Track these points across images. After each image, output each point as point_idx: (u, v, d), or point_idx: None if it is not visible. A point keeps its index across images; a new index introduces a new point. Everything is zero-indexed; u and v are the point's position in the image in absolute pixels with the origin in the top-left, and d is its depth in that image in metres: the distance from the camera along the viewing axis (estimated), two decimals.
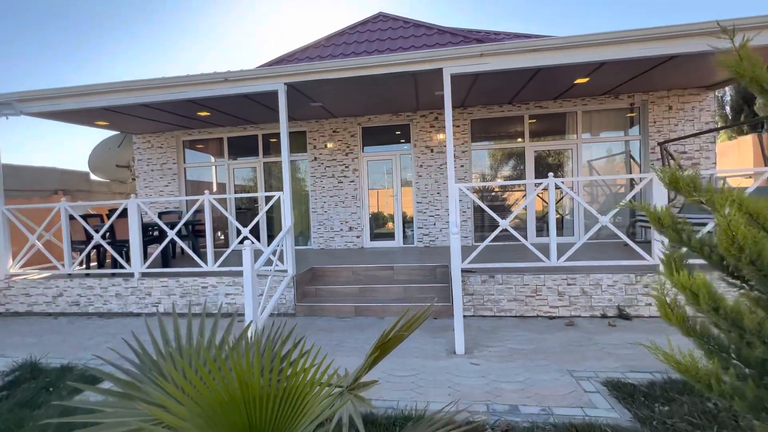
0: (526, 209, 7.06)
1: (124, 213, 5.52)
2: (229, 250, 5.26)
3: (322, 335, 4.20)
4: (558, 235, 6.91)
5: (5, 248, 5.95)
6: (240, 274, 5.07)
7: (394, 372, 3.28)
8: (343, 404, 1.43)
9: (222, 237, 8.57)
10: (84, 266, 5.96)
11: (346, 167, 7.64)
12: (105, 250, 5.87)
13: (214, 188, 8.57)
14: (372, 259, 5.97)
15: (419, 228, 7.38)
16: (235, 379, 1.24)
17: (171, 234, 5.44)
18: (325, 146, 7.68)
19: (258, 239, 7.93)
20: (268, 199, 7.45)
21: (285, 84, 4.96)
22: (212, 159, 8.61)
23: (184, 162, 8.54)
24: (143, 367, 1.62)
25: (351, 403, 1.47)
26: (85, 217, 6.07)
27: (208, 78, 5.04)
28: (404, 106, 6.95)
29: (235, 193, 8.36)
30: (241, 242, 7.24)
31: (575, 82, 5.83)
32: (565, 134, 7.10)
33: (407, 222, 7.55)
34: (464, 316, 4.56)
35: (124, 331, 4.69)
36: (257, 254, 5.90)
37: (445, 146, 7.35)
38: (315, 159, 7.72)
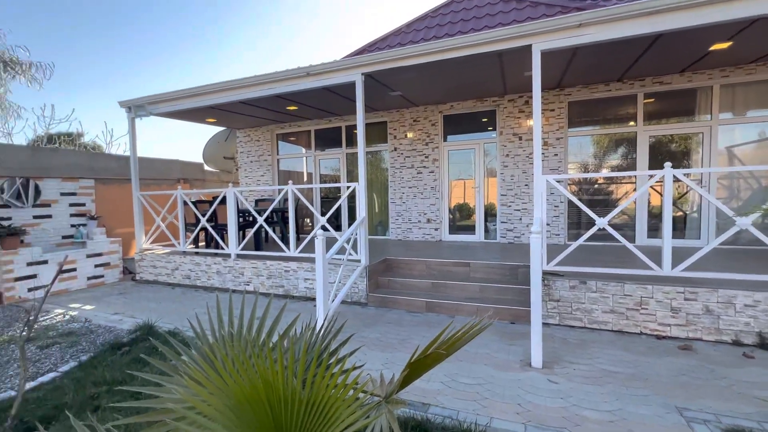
0: (635, 204, 5.96)
1: (224, 200, 6.09)
2: (308, 238, 5.47)
3: (389, 328, 4.12)
4: (678, 237, 5.69)
5: (140, 227, 7.07)
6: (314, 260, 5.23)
7: (457, 378, 3.03)
8: (377, 417, 1.27)
9: (309, 224, 9.05)
10: (194, 245, 6.78)
11: (426, 157, 7.39)
12: (211, 233, 6.59)
13: (304, 178, 9.06)
14: (448, 254, 5.69)
15: (503, 222, 6.82)
16: (259, 378, 1.16)
17: (260, 220, 5.85)
18: (405, 136, 7.51)
19: (340, 228, 8.17)
20: (347, 189, 7.58)
21: (362, 74, 4.90)
22: (302, 150, 9.10)
23: (278, 153, 9.16)
24: (200, 347, 1.66)
25: (386, 416, 1.30)
26: (196, 203, 6.89)
27: (292, 73, 5.23)
28: (490, 90, 6.39)
29: (321, 182, 8.72)
30: (319, 230, 7.51)
31: (711, 48, 4.66)
32: (694, 115, 5.76)
33: (490, 215, 7.04)
34: (546, 324, 4.04)
35: (222, 304, 5.18)
36: (334, 243, 6.05)
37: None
38: (395, 149, 7.62)
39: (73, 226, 7.22)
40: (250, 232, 6.04)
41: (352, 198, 8.12)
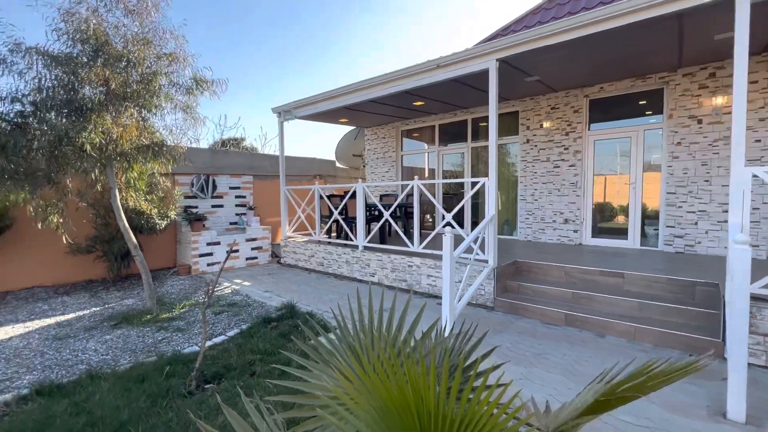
0: None
1: (353, 195, 6.47)
2: (432, 234, 5.40)
3: (521, 339, 3.74)
4: None
5: (285, 217, 8.07)
6: (441, 258, 5.14)
7: (617, 414, 2.51)
8: None
9: (430, 220, 9.03)
10: (327, 236, 7.41)
11: (565, 149, 6.55)
12: (342, 225, 7.11)
13: (426, 174, 9.07)
14: (593, 260, 4.94)
15: (669, 227, 5.59)
16: (409, 386, 1.07)
17: (386, 215, 6.01)
18: (540, 126, 6.79)
19: (462, 225, 7.93)
20: (473, 185, 7.29)
21: (497, 60, 4.55)
22: (425, 146, 9.11)
23: (401, 150, 9.35)
24: (343, 337, 1.69)
25: None
26: (329, 196, 7.51)
27: (422, 67, 5.19)
28: (656, 64, 5.26)
29: (444, 178, 8.59)
30: (445, 226, 7.39)
31: None
32: None
33: (648, 217, 5.85)
34: (751, 365, 3.10)
35: (350, 292, 5.54)
36: (458, 241, 5.85)
37: (724, 113, 5.20)
38: (527, 141, 6.97)
39: (237, 214, 8.68)
40: (376, 226, 6.29)
41: (475, 195, 7.78)
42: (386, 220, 6.20)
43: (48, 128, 3.92)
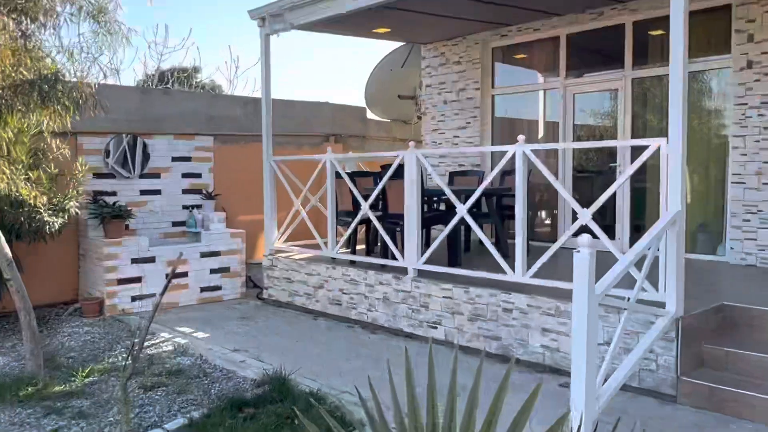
0: None
1: (399, 172, 6.44)
2: (553, 249, 5.27)
3: None
4: None
5: (271, 213, 8.24)
6: (568, 295, 4.98)
7: None
8: None
9: (547, 220, 8.84)
10: (349, 249, 7.45)
11: None
12: (376, 229, 7.10)
13: (540, 131, 8.90)
14: None
15: None
16: None
17: (461, 210, 5.94)
18: None
19: (611, 232, 7.70)
20: (634, 153, 7.02)
21: None
22: (539, 78, 8.92)
23: (492, 86, 9.25)
24: None
25: None
26: (354, 175, 7.54)
27: None
28: None
29: (577, 139, 8.37)
30: (577, 234, 7.20)
31: None
32: None
33: None
34: None
35: (392, 356, 5.50)
36: (604, 262, 5.64)
37: None
38: (748, 66, 6.64)
39: (185, 207, 8.97)
40: (441, 233, 6.22)
41: (639, 173, 7.51)
42: (461, 222, 6.14)
43: None
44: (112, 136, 8.22)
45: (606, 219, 7.79)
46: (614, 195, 7.59)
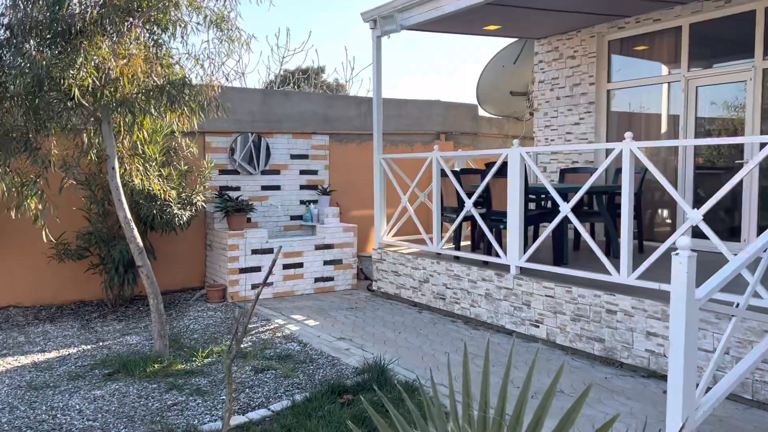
0: None
1: (503, 170, 6.37)
2: (661, 249, 5.03)
3: None
4: None
5: (381, 209, 8.42)
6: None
7: None
8: None
9: (668, 220, 8.39)
10: (454, 245, 7.47)
11: None
12: (480, 226, 7.05)
13: (663, 126, 8.43)
14: None
15: None
16: None
17: (564, 208, 5.79)
18: None
19: (737, 233, 7.19)
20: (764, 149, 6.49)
21: None
22: (659, 70, 8.45)
23: (608, 79, 8.88)
24: None
25: None
26: (461, 173, 7.54)
27: None
28: None
29: (705, 134, 7.86)
30: (681, 238, 6.79)
31: None
32: None
33: None
34: None
35: (491, 353, 5.48)
36: (707, 263, 5.27)
37: None
38: None
39: (302, 202, 9.37)
40: (546, 230, 6.09)
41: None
42: (567, 220, 5.97)
43: (25, 64, 4.76)
44: (237, 135, 8.73)
45: (734, 220, 7.29)
46: (740, 194, 7.13)
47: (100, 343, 6.17)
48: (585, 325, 5.53)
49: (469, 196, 6.90)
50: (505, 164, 6.39)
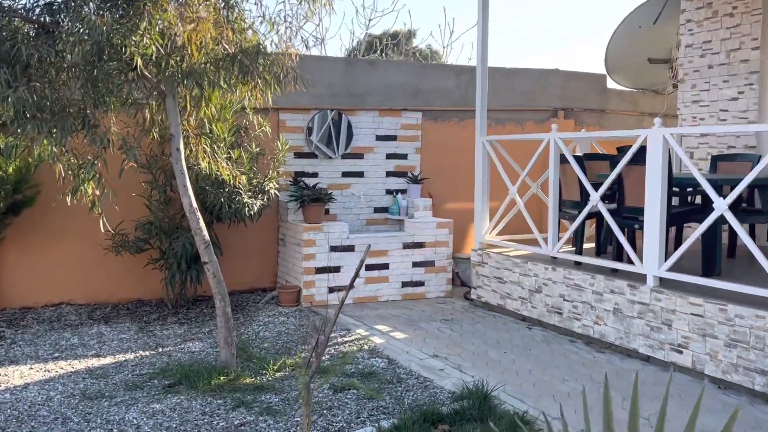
0: None
1: (639, 156, 6.15)
2: None
3: None
4: None
5: (483, 202, 8.33)
6: None
7: None
8: None
9: None
10: (574, 247, 7.29)
11: None
12: (608, 225, 6.84)
13: None
14: None
15: None
16: None
17: (719, 205, 5.53)
18: None
19: None
20: None
21: None
22: None
23: None
24: None
25: None
26: (584, 158, 7.33)
27: None
28: None
29: None
30: None
31: None
32: None
33: None
34: None
35: (618, 384, 5.32)
36: None
37: None
38: None
39: (388, 192, 9.40)
40: (694, 233, 5.82)
41: None
42: (720, 220, 5.69)
43: (84, 30, 4.98)
44: (315, 112, 8.86)
45: None
46: None
47: (160, 349, 6.44)
48: (743, 353, 5.26)
49: (596, 187, 6.71)
50: (642, 149, 6.17)
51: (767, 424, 4.68)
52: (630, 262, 6.35)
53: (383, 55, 15.05)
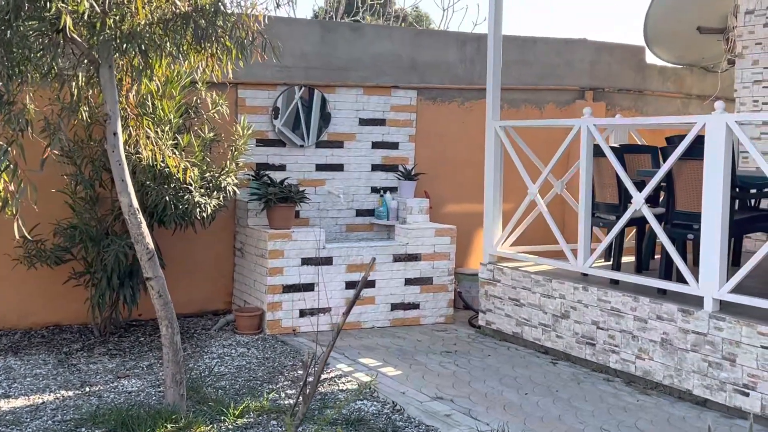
0: None
1: (695, 148, 6.15)
2: None
3: None
4: None
5: (496, 202, 8.28)
6: None
7: None
8: None
9: None
10: (610, 262, 7.26)
11: None
12: (652, 235, 6.83)
13: None
14: None
15: None
16: None
17: None
18: None
19: None
20: None
21: None
22: None
23: None
24: None
25: None
26: (623, 150, 7.32)
27: None
28: None
29: None
30: None
31: None
32: None
33: None
34: None
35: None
36: None
37: None
38: None
39: (374, 190, 9.33)
40: (763, 246, 5.82)
41: None
42: None
43: None
44: (284, 89, 8.77)
45: None
46: None
47: (86, 389, 6.26)
48: None
49: (639, 187, 6.70)
50: (699, 139, 6.17)
51: None
52: (682, 281, 6.35)
53: (364, 17, 14.98)
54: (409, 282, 8.68)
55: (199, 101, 7.40)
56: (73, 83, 6.00)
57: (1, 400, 5.99)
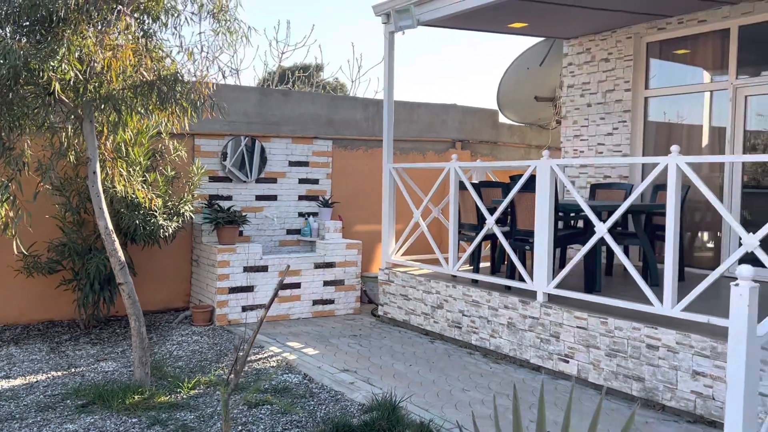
0: None
1: (530, 184, 6.32)
2: (711, 278, 4.96)
3: None
4: None
5: (390, 224, 8.37)
6: (724, 334, 4.65)
7: None
8: None
9: (710, 243, 8.34)
10: (472, 266, 7.41)
11: None
12: (502, 246, 7.00)
13: (704, 139, 8.40)
14: None
15: None
16: None
17: (600, 229, 5.74)
18: None
19: None
20: None
21: None
22: (702, 77, 8.42)
23: (646, 86, 8.85)
24: None
25: None
26: (480, 186, 7.49)
27: None
28: None
29: (751, 149, 7.83)
30: (741, 265, 6.70)
31: None
32: None
33: None
34: None
35: (511, 392, 5.40)
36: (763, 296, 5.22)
37: None
38: None
39: (301, 215, 9.32)
40: (577, 254, 6.02)
41: None
42: (600, 242, 5.91)
43: (1, 54, 4.71)
44: (230, 138, 8.70)
45: None
46: None
47: (72, 370, 6.09)
48: (622, 361, 5.45)
49: (491, 212, 6.85)
50: (532, 178, 6.35)
51: (642, 425, 4.87)
52: (522, 279, 6.49)
53: (294, 86, 14.97)
54: (326, 283, 8.65)
55: (163, 147, 7.30)
56: (63, 134, 5.88)
57: (2, 380, 5.76)
